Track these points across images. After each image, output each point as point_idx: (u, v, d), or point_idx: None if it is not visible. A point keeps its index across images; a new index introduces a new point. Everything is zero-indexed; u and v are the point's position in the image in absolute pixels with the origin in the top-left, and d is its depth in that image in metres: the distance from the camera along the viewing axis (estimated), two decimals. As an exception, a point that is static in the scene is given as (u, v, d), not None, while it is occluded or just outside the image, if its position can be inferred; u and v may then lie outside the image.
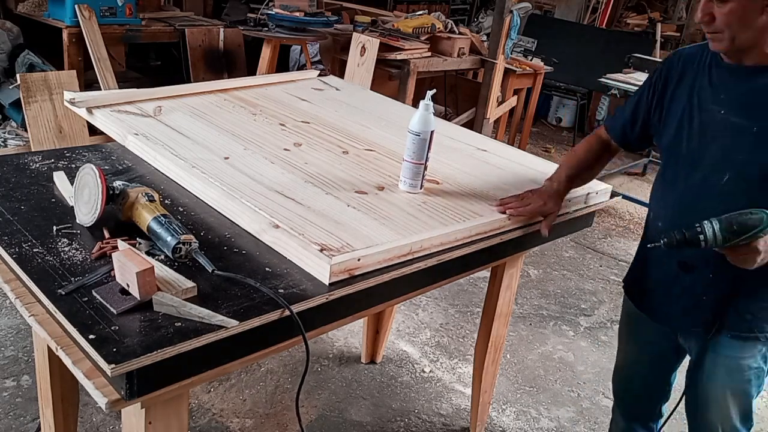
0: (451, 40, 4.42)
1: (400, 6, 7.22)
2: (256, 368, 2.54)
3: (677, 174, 1.55)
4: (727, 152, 1.45)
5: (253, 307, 1.13)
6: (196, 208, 1.47)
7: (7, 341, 2.49)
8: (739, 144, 1.43)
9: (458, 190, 1.68)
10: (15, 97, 3.63)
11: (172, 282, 1.15)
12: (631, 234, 4.43)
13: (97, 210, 1.30)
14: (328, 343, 2.77)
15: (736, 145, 1.43)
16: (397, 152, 1.87)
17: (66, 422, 1.77)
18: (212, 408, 2.32)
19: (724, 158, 1.45)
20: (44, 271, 1.17)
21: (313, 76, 2.56)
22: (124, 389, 1.00)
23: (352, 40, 4.13)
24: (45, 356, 1.65)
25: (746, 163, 1.43)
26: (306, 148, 1.80)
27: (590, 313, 3.33)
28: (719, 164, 1.46)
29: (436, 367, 2.73)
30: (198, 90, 2.15)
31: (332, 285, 1.24)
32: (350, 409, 2.42)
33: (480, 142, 2.12)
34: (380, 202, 1.54)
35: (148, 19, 4.22)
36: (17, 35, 3.93)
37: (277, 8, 4.28)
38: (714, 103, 1.47)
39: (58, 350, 1.08)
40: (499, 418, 2.49)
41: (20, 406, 2.19)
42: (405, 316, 3.05)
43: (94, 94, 1.94)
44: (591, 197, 1.84)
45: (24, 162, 1.61)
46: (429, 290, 2.02)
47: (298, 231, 1.33)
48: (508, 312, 2.11)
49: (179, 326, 1.06)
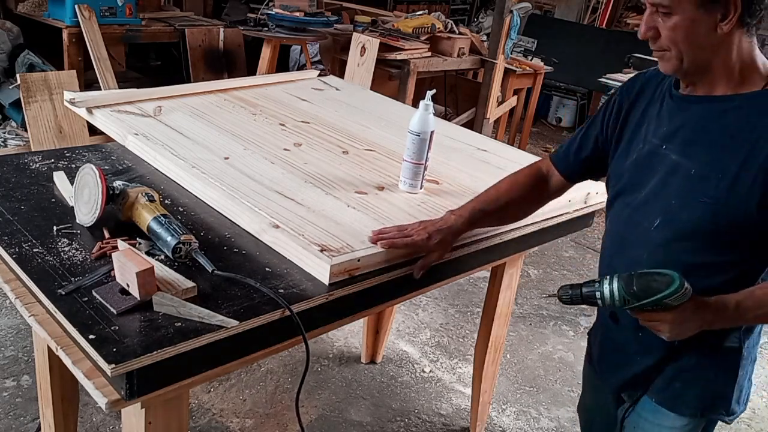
0: (451, 40, 4.42)
1: (400, 6, 7.22)
2: (256, 368, 2.54)
3: (618, 211, 1.33)
4: (659, 194, 1.22)
5: (253, 307, 1.13)
6: (196, 208, 1.47)
7: (7, 341, 2.49)
8: (673, 186, 1.20)
9: (458, 190, 1.68)
10: (15, 97, 3.64)
11: (172, 282, 1.15)
12: (631, 234, 4.43)
13: (97, 210, 1.30)
14: (328, 343, 2.77)
15: (671, 187, 1.20)
16: (397, 152, 1.87)
17: (66, 422, 1.77)
18: (212, 408, 2.32)
19: (657, 201, 1.23)
20: (44, 271, 1.17)
21: (313, 76, 2.56)
22: (124, 389, 1.00)
23: (352, 40, 4.13)
24: (45, 356, 1.65)
25: (678, 211, 1.19)
26: (306, 148, 1.80)
27: (590, 313, 3.33)
28: (651, 207, 1.23)
29: (436, 367, 2.73)
30: (198, 90, 2.15)
31: (332, 285, 1.24)
32: (350, 409, 2.42)
33: (480, 142, 2.12)
34: (380, 202, 1.54)
35: (148, 19, 4.22)
36: (17, 35, 3.93)
37: (277, 8, 4.28)
38: (655, 136, 1.25)
39: (58, 350, 1.08)
40: (499, 418, 2.49)
41: (20, 406, 2.19)
42: (405, 316, 3.05)
43: (94, 94, 1.94)
44: (591, 197, 1.84)
45: (24, 162, 1.61)
46: (429, 290, 2.02)
47: (298, 231, 1.33)
48: (508, 312, 2.11)
49: (179, 326, 1.06)
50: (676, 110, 1.23)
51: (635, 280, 1.13)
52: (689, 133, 1.20)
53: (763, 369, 3.05)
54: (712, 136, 1.17)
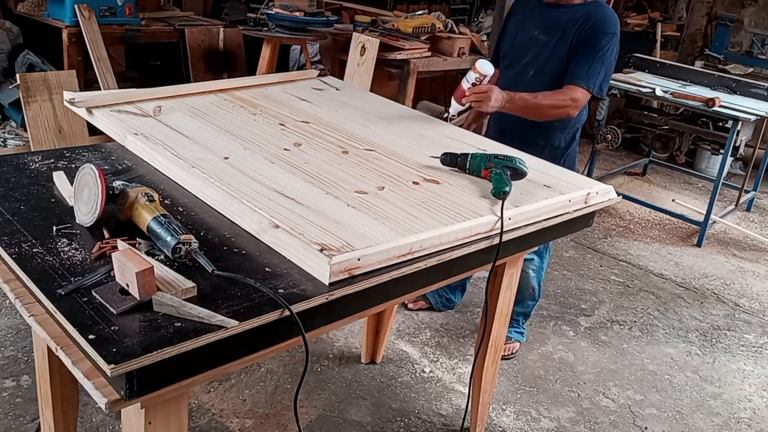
0: (451, 40, 4.42)
1: (400, 6, 7.21)
2: (256, 368, 2.54)
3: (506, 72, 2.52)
4: (533, 57, 2.41)
5: (253, 307, 1.13)
6: (196, 208, 1.47)
7: (6, 341, 2.49)
8: (541, 53, 2.39)
9: (458, 190, 1.68)
10: (15, 97, 3.64)
11: (172, 282, 1.15)
12: (631, 234, 4.43)
13: (96, 210, 1.29)
14: (328, 343, 2.77)
15: (540, 53, 2.39)
16: (397, 152, 1.87)
17: (66, 422, 1.77)
18: (212, 408, 2.32)
19: (532, 61, 2.42)
20: (44, 271, 1.17)
21: (313, 76, 2.56)
22: (123, 389, 1.00)
23: (352, 40, 4.13)
24: (45, 356, 1.65)
25: (544, 64, 2.39)
26: (306, 148, 1.80)
27: (590, 313, 3.33)
28: (528, 65, 2.43)
29: (436, 367, 2.73)
30: (198, 90, 2.15)
31: (332, 285, 1.23)
32: (350, 409, 2.41)
33: (480, 142, 2.12)
34: (380, 202, 1.54)
35: (147, 19, 4.22)
36: (17, 35, 3.93)
37: (277, 8, 4.28)
38: (532, 27, 2.42)
39: (58, 350, 1.07)
40: (499, 418, 2.49)
41: (20, 406, 2.19)
42: (405, 316, 3.05)
43: (93, 94, 1.93)
44: (591, 197, 1.84)
45: (24, 162, 1.61)
46: (429, 290, 2.02)
47: (298, 231, 1.32)
48: (508, 312, 2.11)
49: (179, 326, 1.06)
50: (542, 11, 2.43)
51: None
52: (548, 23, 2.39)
53: (763, 369, 3.05)
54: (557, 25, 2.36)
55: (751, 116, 4.12)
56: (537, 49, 2.40)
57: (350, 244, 1.30)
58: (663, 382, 2.83)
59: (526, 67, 2.43)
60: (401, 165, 1.78)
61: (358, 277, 1.28)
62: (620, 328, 3.22)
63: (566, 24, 2.35)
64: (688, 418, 2.63)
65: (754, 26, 6.60)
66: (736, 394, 2.83)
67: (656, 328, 3.28)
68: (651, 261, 4.05)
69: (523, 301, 2.79)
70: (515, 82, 2.41)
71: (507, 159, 1.73)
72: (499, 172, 1.68)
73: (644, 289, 3.68)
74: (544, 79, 2.37)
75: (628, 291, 3.63)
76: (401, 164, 1.79)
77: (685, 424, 2.60)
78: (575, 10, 2.37)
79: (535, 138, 2.43)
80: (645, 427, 2.54)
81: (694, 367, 2.99)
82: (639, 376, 2.86)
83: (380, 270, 1.31)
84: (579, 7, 2.37)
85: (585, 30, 2.31)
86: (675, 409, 2.67)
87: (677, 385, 2.84)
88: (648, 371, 2.90)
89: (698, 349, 3.14)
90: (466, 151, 1.80)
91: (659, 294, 3.65)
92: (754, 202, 5.26)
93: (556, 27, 2.36)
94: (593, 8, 2.36)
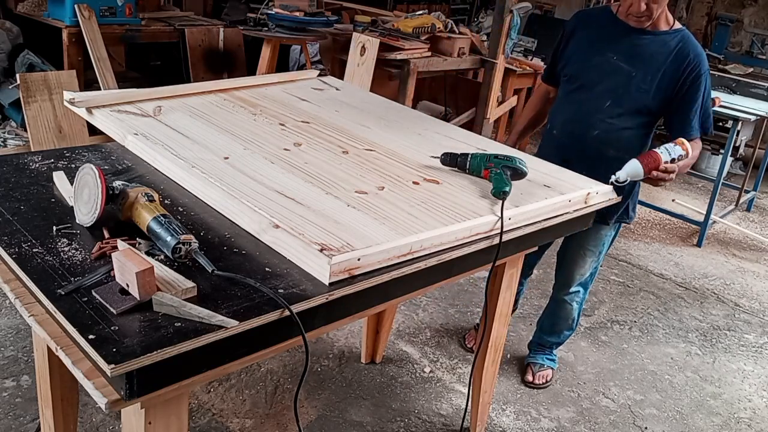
0: (451, 40, 4.42)
1: (400, 6, 7.21)
2: (256, 368, 2.54)
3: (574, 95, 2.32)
4: (612, 87, 2.22)
5: (253, 307, 1.13)
6: (196, 208, 1.47)
7: (6, 341, 2.49)
8: (621, 82, 2.21)
9: (458, 190, 1.68)
10: (15, 97, 3.64)
11: (172, 282, 1.15)
12: (631, 234, 4.43)
13: (96, 210, 1.29)
14: (328, 343, 2.77)
15: (620, 82, 2.21)
16: (397, 152, 1.87)
17: (66, 422, 1.77)
18: (212, 408, 2.32)
19: (610, 90, 2.23)
20: (44, 271, 1.17)
21: (313, 76, 2.56)
22: (123, 389, 1.00)
23: (352, 40, 4.13)
24: (45, 356, 1.65)
25: (623, 95, 2.21)
26: (306, 148, 1.80)
27: (590, 313, 3.33)
28: (605, 93, 2.23)
29: (436, 367, 2.73)
30: (198, 90, 2.15)
31: (332, 285, 1.23)
32: (350, 409, 2.41)
33: (480, 142, 2.12)
34: (380, 202, 1.54)
35: (147, 18, 4.22)
36: (17, 35, 3.93)
37: (277, 8, 4.27)
38: (609, 50, 2.22)
39: (58, 350, 1.07)
40: (499, 418, 2.49)
41: (20, 406, 2.19)
42: (405, 316, 3.05)
43: (93, 94, 1.93)
44: (591, 197, 1.84)
45: (24, 162, 1.61)
46: (429, 290, 2.02)
47: (298, 231, 1.32)
48: (508, 312, 2.11)
49: (179, 326, 1.06)
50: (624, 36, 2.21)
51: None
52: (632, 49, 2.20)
53: (763, 369, 3.05)
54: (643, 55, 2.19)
55: (751, 116, 4.12)
56: (617, 78, 2.20)
57: (350, 244, 1.30)
58: (663, 382, 2.84)
59: (603, 95, 2.23)
60: (401, 165, 1.78)
61: (358, 277, 1.28)
62: (620, 328, 3.22)
63: (654, 56, 2.17)
64: (688, 418, 2.63)
65: (754, 26, 6.60)
66: (736, 394, 2.83)
67: (656, 328, 3.28)
68: (651, 261, 4.05)
69: (560, 332, 2.72)
70: (588, 109, 2.26)
71: (507, 159, 1.72)
72: (499, 172, 1.68)
73: (644, 289, 3.68)
74: (620, 111, 2.22)
75: (628, 291, 3.63)
76: (401, 164, 1.79)
77: (685, 424, 2.60)
78: (663, 41, 2.18)
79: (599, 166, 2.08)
80: (645, 427, 2.54)
81: (694, 367, 2.99)
82: (639, 376, 2.86)
83: (380, 270, 1.31)
84: (666, 36, 2.18)
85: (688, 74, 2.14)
86: (675, 409, 2.67)
87: (677, 385, 2.84)
88: (648, 371, 2.90)
89: (698, 349, 3.14)
90: (466, 151, 1.80)
91: (659, 294, 3.65)
92: (754, 202, 5.27)
93: (641, 57, 2.17)
94: (683, 43, 2.17)
